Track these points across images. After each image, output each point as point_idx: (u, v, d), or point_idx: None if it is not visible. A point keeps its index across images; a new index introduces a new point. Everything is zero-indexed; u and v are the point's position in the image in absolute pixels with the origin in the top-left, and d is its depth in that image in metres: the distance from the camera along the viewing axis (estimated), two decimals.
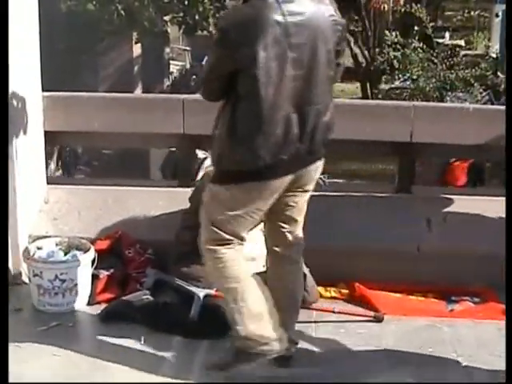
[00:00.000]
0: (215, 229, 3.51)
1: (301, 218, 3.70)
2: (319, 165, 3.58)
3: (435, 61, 12.28)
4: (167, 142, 5.66)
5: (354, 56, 18.21)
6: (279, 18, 3.24)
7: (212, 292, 4.07)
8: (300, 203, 3.64)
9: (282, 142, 3.32)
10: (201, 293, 4.08)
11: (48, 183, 5.07)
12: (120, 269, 4.56)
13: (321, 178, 9.51)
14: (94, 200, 4.99)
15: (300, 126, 3.35)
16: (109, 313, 4.18)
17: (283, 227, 3.67)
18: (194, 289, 4.10)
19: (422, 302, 4.47)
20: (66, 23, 15.56)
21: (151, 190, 5.18)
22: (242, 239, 3.57)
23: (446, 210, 4.84)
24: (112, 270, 4.51)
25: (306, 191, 3.62)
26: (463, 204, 4.91)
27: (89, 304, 4.38)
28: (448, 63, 12.27)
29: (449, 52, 12.83)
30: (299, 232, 3.73)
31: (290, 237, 3.69)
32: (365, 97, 17.28)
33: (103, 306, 4.31)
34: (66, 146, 11.54)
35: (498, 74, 15.02)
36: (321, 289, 4.53)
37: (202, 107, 4.08)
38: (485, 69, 13.40)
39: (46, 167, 5.31)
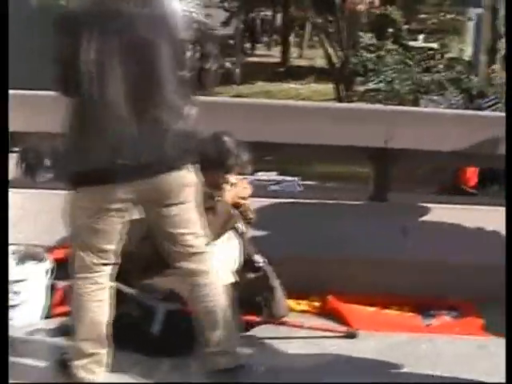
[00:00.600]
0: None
1: (189, 230, 3.37)
2: (184, 175, 3.26)
3: (410, 63, 12.15)
4: None
5: (328, 57, 18.05)
6: (112, 8, 3.05)
7: (176, 306, 3.81)
8: (179, 216, 3.32)
9: (115, 146, 3.07)
10: (163, 307, 3.82)
11: None
12: None
13: (294, 180, 9.32)
14: (52, 205, 4.68)
15: (140, 131, 3.09)
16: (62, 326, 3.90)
17: (173, 241, 3.38)
18: (155, 302, 3.84)
19: (398, 316, 4.26)
20: (37, 18, 15.19)
21: None
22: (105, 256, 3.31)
23: (422, 218, 4.64)
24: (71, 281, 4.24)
25: (178, 204, 3.29)
26: (441, 213, 4.71)
27: (45, 317, 4.09)
28: (423, 66, 12.15)
29: (424, 55, 12.71)
30: (194, 241, 3.40)
31: (182, 249, 3.39)
32: (338, 98, 17.13)
33: (60, 319, 4.02)
34: (29, 148, 11.08)
35: (471, 77, 14.94)
36: (291, 302, 4.30)
37: None
38: (459, 72, 13.31)
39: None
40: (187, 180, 3.27)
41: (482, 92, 13.05)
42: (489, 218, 4.51)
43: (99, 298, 3.28)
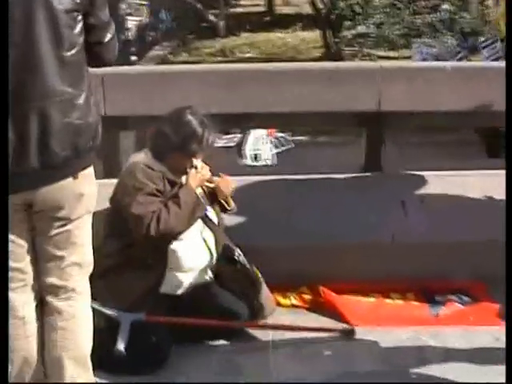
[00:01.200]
0: None
1: (69, 255, 2.70)
2: (75, 184, 2.61)
3: (399, 6, 11.45)
4: None
5: (312, 2, 17.29)
6: None
7: (142, 316, 3.28)
8: (59, 236, 2.65)
9: (11, 147, 2.45)
10: (128, 318, 3.28)
11: None
12: None
13: (282, 137, 8.61)
14: None
15: (20, 129, 2.45)
16: None
17: (44, 262, 2.69)
18: (119, 313, 3.30)
19: (401, 307, 3.71)
20: None
21: None
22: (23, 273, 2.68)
23: (422, 190, 4.08)
24: None
25: (61, 220, 2.63)
26: (442, 182, 4.14)
27: None
28: (413, 7, 11.44)
29: None
30: (68, 273, 2.71)
31: (48, 278, 2.69)
32: (325, 45, 16.45)
33: None
34: None
35: (464, 15, 14.22)
36: (279, 296, 3.77)
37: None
38: (451, 12, 12.61)
39: None
40: (79, 190, 2.63)
41: (476, 31, 12.42)
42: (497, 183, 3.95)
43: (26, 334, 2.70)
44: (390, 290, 3.82)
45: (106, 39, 2.64)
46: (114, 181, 3.62)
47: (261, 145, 8.94)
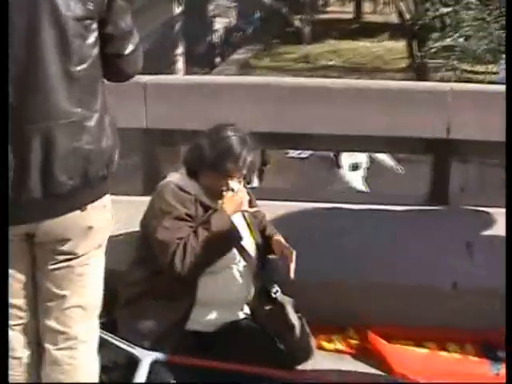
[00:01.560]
0: None
1: (69, 293, 2.39)
2: (84, 216, 2.31)
3: (487, 19, 10.83)
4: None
5: (400, 11, 16.73)
6: None
7: (164, 356, 2.97)
8: (61, 272, 2.36)
9: (11, 174, 2.14)
10: (148, 356, 2.98)
11: None
12: None
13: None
14: None
15: (21, 154, 2.13)
16: None
17: (43, 301, 2.40)
18: (137, 351, 3.00)
19: (457, 362, 3.30)
20: None
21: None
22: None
23: (491, 229, 3.64)
24: None
25: (64, 254, 2.34)
26: None
27: None
28: (501, 23, 10.79)
29: (503, 9, 11.33)
30: (66, 318, 2.40)
31: (47, 320, 2.40)
32: (410, 56, 15.86)
33: None
34: None
35: None
36: (322, 338, 3.42)
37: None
38: None
39: None
40: (87, 223, 2.32)
41: None
42: None
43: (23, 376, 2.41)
44: (446, 339, 3.41)
45: (127, 51, 2.33)
46: None
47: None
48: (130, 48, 2.33)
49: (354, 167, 7.07)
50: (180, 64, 17.45)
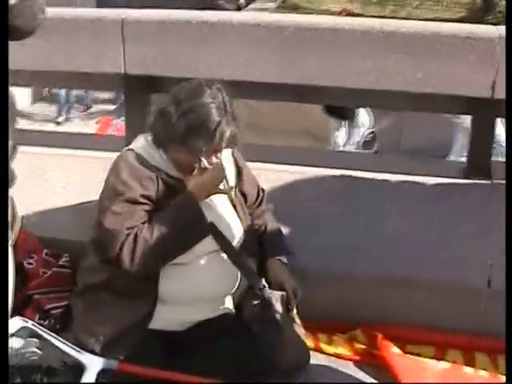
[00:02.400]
0: None
1: None
2: None
3: None
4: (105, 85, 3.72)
5: None
6: None
7: (113, 364, 2.41)
8: None
9: None
10: (95, 364, 2.41)
11: None
12: (13, 288, 2.95)
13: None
14: None
15: None
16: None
17: None
18: (84, 356, 2.45)
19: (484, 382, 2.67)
20: None
21: (92, 154, 3.45)
22: None
23: None
24: None
25: None
26: None
27: None
28: None
29: None
30: None
31: None
32: None
33: None
34: None
35: None
36: (323, 338, 2.83)
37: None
38: None
39: None
40: None
41: None
42: None
43: None
44: (474, 348, 2.78)
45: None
46: None
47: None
48: None
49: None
50: None
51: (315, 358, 2.75)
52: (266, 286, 2.59)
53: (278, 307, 2.58)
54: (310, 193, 3.07)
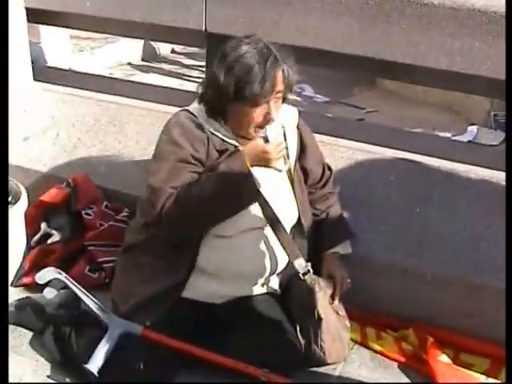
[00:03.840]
0: None
1: None
2: None
3: None
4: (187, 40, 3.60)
5: None
6: None
7: (137, 329, 2.36)
8: None
9: None
10: (118, 326, 2.37)
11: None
12: (69, 236, 2.96)
13: None
14: (85, 114, 3.36)
15: None
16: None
17: None
18: (107, 316, 2.39)
19: None
20: None
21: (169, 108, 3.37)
22: None
23: None
24: (55, 238, 2.94)
25: None
26: None
27: (12, 285, 2.85)
28: None
29: None
30: None
31: None
32: None
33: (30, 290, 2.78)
34: None
35: None
36: (371, 333, 2.67)
37: None
38: None
39: None
40: None
41: None
42: None
43: None
44: None
45: None
46: None
47: None
48: None
49: None
50: None
51: (358, 353, 2.60)
52: (311, 271, 2.45)
53: (321, 296, 2.45)
54: (381, 177, 2.87)
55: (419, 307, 2.68)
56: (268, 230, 2.43)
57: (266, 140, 2.32)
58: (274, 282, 2.57)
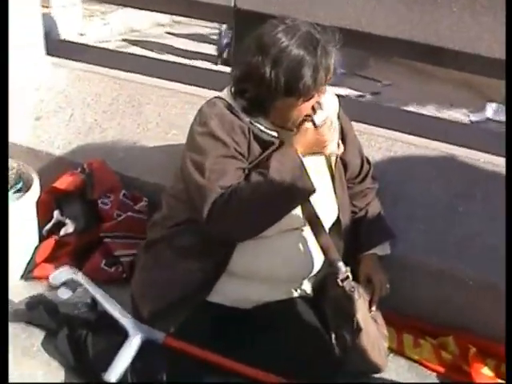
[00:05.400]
0: None
1: None
2: None
3: None
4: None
5: None
6: None
7: (159, 337, 2.17)
8: None
9: None
10: (139, 333, 2.18)
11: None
12: (83, 227, 2.76)
13: None
14: (101, 93, 3.15)
15: None
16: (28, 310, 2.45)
17: None
18: (127, 321, 2.21)
19: None
20: None
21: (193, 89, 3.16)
22: None
23: None
24: (69, 228, 2.74)
25: None
26: None
27: (23, 278, 2.67)
28: None
29: None
30: None
31: None
32: None
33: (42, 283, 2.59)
34: None
35: None
36: (408, 341, 2.48)
37: None
38: None
39: None
40: None
41: None
42: None
43: None
44: None
45: None
46: None
47: None
48: None
49: None
50: None
51: (395, 362, 2.42)
52: (351, 277, 2.25)
53: (361, 304, 2.25)
54: (425, 172, 2.66)
55: (459, 313, 2.50)
56: (307, 231, 2.24)
57: (314, 124, 2.13)
58: (307, 285, 2.39)
